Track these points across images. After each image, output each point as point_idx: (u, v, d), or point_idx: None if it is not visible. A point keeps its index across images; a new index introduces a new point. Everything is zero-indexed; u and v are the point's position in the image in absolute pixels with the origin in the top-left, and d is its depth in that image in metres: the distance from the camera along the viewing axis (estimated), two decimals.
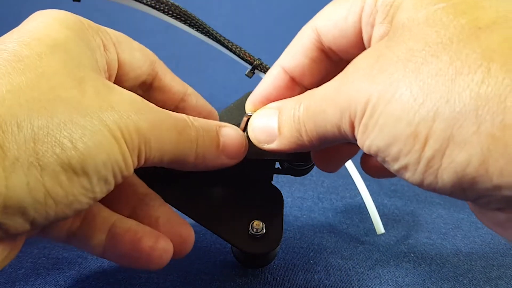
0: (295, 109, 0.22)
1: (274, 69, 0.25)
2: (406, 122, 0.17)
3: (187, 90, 0.28)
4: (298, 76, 0.24)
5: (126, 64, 0.25)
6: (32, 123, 0.17)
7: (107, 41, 0.23)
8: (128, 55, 0.25)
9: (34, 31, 0.20)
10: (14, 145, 0.17)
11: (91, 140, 0.18)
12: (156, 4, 0.29)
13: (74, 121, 0.18)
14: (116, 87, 0.21)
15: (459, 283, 0.32)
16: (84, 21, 0.23)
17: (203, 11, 0.36)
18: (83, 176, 0.18)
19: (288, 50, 0.24)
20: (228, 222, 0.28)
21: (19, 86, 0.18)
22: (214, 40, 0.31)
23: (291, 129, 0.22)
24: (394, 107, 0.17)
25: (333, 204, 0.41)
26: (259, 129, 0.24)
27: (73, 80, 0.19)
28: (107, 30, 0.24)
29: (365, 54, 0.20)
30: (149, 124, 0.20)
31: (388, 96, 0.17)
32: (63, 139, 0.17)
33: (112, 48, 0.24)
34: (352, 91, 0.19)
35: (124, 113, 0.20)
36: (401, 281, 0.32)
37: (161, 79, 0.27)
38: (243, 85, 0.46)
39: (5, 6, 0.53)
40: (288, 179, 0.44)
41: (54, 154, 0.17)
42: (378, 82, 0.18)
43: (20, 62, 0.18)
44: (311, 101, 0.21)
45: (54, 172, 0.17)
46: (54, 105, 0.18)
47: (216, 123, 0.25)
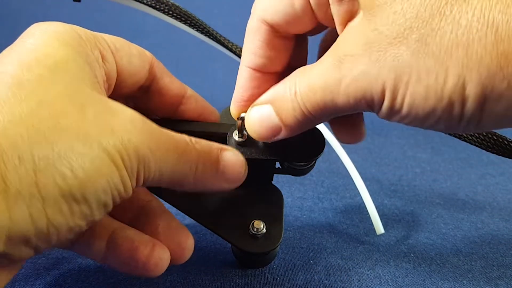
0: (291, 93, 0.22)
1: (242, 72, 0.25)
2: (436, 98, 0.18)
3: (186, 92, 0.28)
4: (268, 69, 0.24)
5: (125, 71, 0.25)
6: (33, 154, 0.17)
7: (105, 51, 0.23)
8: (126, 62, 0.25)
9: (33, 50, 0.20)
10: (16, 178, 0.17)
11: (91, 167, 0.18)
12: (156, 4, 0.29)
13: (75, 149, 0.18)
14: (118, 108, 0.21)
15: (459, 283, 0.32)
16: (82, 33, 0.23)
17: (203, 11, 0.36)
18: (84, 203, 0.19)
19: (247, 48, 0.24)
20: (229, 222, 0.28)
21: (20, 116, 0.18)
22: (214, 40, 0.31)
23: (294, 113, 0.22)
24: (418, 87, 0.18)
25: (333, 204, 0.41)
26: (260, 126, 0.24)
27: (74, 105, 0.19)
28: (105, 38, 0.24)
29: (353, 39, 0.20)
30: (149, 147, 0.21)
31: (406, 79, 0.18)
32: (63, 168, 0.18)
33: (110, 57, 0.24)
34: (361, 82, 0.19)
35: (124, 136, 0.20)
36: (401, 281, 0.32)
37: (159, 82, 0.27)
38: None
39: (5, 6, 0.53)
40: (288, 179, 0.44)
41: (55, 184, 0.18)
42: (387, 67, 0.18)
43: (21, 87, 0.18)
44: (310, 81, 0.21)
45: (55, 202, 0.18)
46: (54, 134, 0.18)
47: (218, 146, 0.24)
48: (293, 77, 0.22)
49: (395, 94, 0.19)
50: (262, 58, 0.24)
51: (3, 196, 0.17)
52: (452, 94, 0.18)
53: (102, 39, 0.24)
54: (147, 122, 0.21)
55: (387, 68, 0.18)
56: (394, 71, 0.18)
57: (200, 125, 0.29)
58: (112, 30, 0.52)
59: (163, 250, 0.25)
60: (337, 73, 0.20)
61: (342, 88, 0.20)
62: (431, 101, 0.18)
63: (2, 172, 0.17)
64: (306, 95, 0.21)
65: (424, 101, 0.18)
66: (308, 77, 0.21)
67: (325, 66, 0.20)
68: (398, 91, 0.19)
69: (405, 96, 0.19)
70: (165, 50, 0.50)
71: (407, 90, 0.18)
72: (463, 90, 0.17)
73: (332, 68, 0.20)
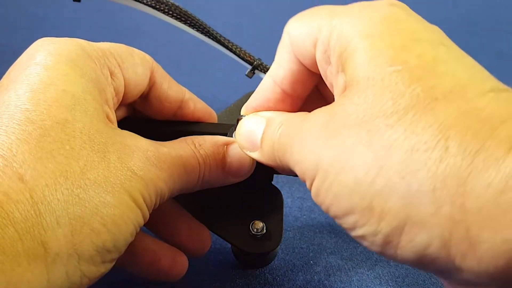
0: (275, 130, 0.21)
1: (265, 80, 0.24)
2: (360, 195, 0.16)
3: (184, 95, 0.28)
4: (287, 88, 0.23)
5: (131, 83, 0.25)
6: (69, 216, 0.18)
7: (113, 66, 0.23)
8: (132, 73, 0.25)
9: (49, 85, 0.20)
10: (55, 242, 0.17)
11: (121, 218, 0.19)
12: (156, 4, 0.29)
13: (105, 203, 0.19)
14: (132, 143, 0.22)
15: None
16: (91, 52, 0.22)
17: (203, 11, 0.36)
18: (115, 251, 0.20)
19: (276, 59, 0.24)
20: (229, 222, 0.28)
21: (54, 177, 0.18)
22: (214, 40, 0.31)
23: (269, 148, 0.22)
24: (347, 178, 0.17)
25: None
26: (245, 134, 0.24)
27: (97, 152, 0.20)
28: (111, 51, 0.24)
29: (323, 109, 0.19)
30: (165, 180, 0.22)
31: (340, 165, 0.17)
32: (96, 225, 0.19)
33: (119, 73, 0.24)
34: (304, 148, 0.19)
35: (144, 176, 0.21)
36: (401, 282, 0.32)
37: (158, 89, 0.27)
38: (243, 85, 0.46)
39: (5, 6, 0.53)
40: (288, 179, 0.44)
41: (91, 242, 0.18)
42: (330, 146, 0.17)
43: (47, 138, 0.19)
44: (284, 131, 0.21)
45: (90, 257, 0.19)
46: (86, 191, 0.19)
47: (224, 142, 0.25)
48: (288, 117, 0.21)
49: (325, 177, 0.17)
50: (285, 73, 0.23)
51: (43, 261, 0.17)
52: (375, 197, 0.16)
53: (110, 53, 0.24)
54: (160, 151, 0.22)
55: (329, 148, 0.17)
56: (333, 153, 0.17)
57: (199, 126, 0.29)
58: (112, 30, 0.52)
59: (183, 258, 0.26)
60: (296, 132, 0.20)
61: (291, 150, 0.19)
62: (354, 197, 0.16)
63: (42, 238, 0.17)
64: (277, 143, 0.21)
65: (348, 194, 0.17)
66: (287, 126, 0.21)
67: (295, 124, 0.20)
68: (328, 175, 0.17)
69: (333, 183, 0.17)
70: (165, 50, 0.50)
71: (337, 177, 0.17)
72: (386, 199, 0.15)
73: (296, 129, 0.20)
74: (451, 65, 0.17)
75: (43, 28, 0.49)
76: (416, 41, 0.17)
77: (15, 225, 0.17)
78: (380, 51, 0.17)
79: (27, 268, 0.17)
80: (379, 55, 0.17)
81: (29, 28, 0.49)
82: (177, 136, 0.25)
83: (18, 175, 0.17)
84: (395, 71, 0.16)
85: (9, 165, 0.18)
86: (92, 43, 0.23)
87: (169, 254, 0.26)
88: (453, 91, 0.16)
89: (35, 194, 0.17)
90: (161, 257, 0.26)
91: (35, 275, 0.17)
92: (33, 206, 0.17)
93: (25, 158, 0.18)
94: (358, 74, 0.17)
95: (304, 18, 0.21)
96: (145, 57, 0.26)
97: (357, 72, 0.18)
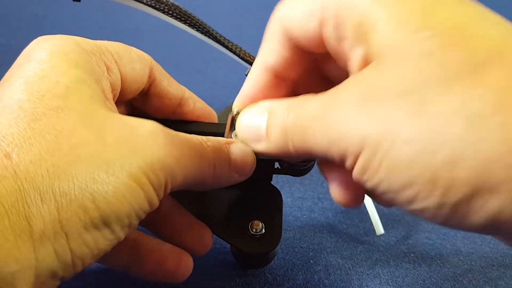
0: (283, 117, 0.20)
1: (255, 67, 0.23)
2: (420, 168, 0.16)
3: (184, 94, 0.28)
4: (279, 71, 0.23)
5: (128, 79, 0.25)
6: (54, 192, 0.17)
7: (109, 62, 0.23)
8: (129, 69, 0.25)
9: (42, 77, 0.20)
10: (40, 219, 0.17)
11: (113, 195, 0.18)
12: (156, 4, 0.29)
13: (96, 179, 0.18)
14: (135, 123, 0.21)
15: (459, 283, 0.32)
16: (86, 47, 0.22)
17: (203, 11, 0.36)
18: (106, 229, 0.19)
19: (263, 46, 0.23)
20: (228, 222, 0.28)
21: (40, 154, 0.18)
22: (214, 40, 0.31)
23: (279, 136, 0.21)
24: (402, 150, 0.16)
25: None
26: (247, 126, 0.23)
27: (92, 131, 0.19)
28: (108, 48, 0.24)
29: (355, 83, 0.18)
30: (174, 156, 0.20)
31: (392, 138, 0.16)
32: (85, 201, 0.18)
33: (115, 68, 0.24)
34: (344, 125, 0.18)
35: (148, 153, 0.20)
36: (400, 281, 0.32)
37: (158, 85, 0.27)
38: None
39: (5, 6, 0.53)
40: (288, 179, 0.44)
41: (78, 219, 0.18)
42: (378, 120, 0.16)
43: (38, 122, 0.18)
44: (299, 115, 0.20)
45: (79, 235, 0.18)
46: (75, 167, 0.18)
47: (225, 141, 0.24)
48: (294, 102, 0.21)
49: (375, 152, 0.16)
50: (276, 58, 0.23)
51: (29, 238, 0.17)
52: (439, 170, 0.15)
53: (106, 49, 0.24)
54: (167, 130, 0.21)
55: (376, 121, 0.16)
56: (382, 126, 0.16)
57: (198, 126, 0.29)
58: (112, 30, 0.52)
59: (188, 257, 0.26)
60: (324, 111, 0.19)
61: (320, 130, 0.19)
62: (413, 170, 0.16)
63: (27, 213, 0.17)
64: (292, 129, 0.20)
65: (406, 168, 0.16)
66: (301, 110, 0.20)
67: (319, 102, 0.19)
68: (379, 149, 0.16)
69: (386, 157, 0.16)
70: (165, 50, 0.50)
71: (390, 150, 0.16)
72: (452, 168, 0.15)
73: (323, 106, 0.19)
74: (481, 26, 0.16)
75: (43, 28, 0.49)
76: (437, 4, 0.17)
77: (1, 199, 0.16)
78: (404, 18, 0.17)
79: (15, 244, 0.16)
80: (406, 23, 0.17)
81: (29, 28, 0.49)
82: None
83: (4, 152, 0.17)
84: (428, 37, 0.16)
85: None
86: (87, 40, 0.23)
87: (174, 254, 0.26)
88: (496, 54, 0.15)
89: (19, 170, 0.17)
90: (167, 257, 0.25)
91: (22, 252, 0.17)
92: (17, 181, 0.17)
93: (13, 139, 0.18)
94: (386, 43, 0.17)
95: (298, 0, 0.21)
96: (143, 55, 0.26)
97: (385, 42, 0.17)
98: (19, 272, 0.16)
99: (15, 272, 0.16)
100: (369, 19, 0.18)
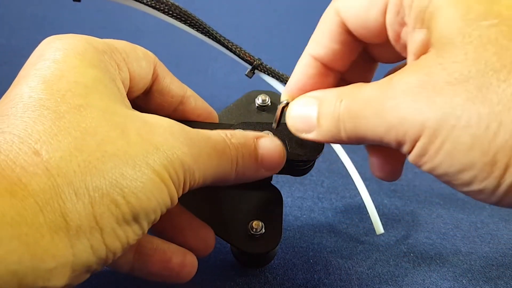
0: (335, 105, 0.21)
1: (303, 58, 0.24)
2: (481, 150, 0.16)
3: (186, 92, 0.28)
4: (329, 62, 0.23)
5: (136, 76, 0.25)
6: (87, 187, 0.18)
7: (119, 60, 0.24)
8: (136, 67, 0.25)
9: (61, 77, 0.20)
10: (76, 214, 0.17)
11: (142, 191, 0.19)
12: (156, 4, 0.29)
13: (124, 175, 0.19)
14: (154, 121, 0.21)
15: (459, 283, 0.32)
16: (98, 46, 0.23)
17: (203, 11, 0.37)
18: (136, 224, 0.19)
19: (314, 37, 0.23)
20: (228, 222, 0.28)
21: (69, 150, 0.18)
22: (214, 40, 0.31)
23: (330, 124, 0.21)
24: (464, 134, 0.16)
25: (332, 204, 0.41)
26: (298, 117, 0.23)
27: (115, 129, 0.20)
28: (116, 46, 0.24)
29: (414, 69, 0.18)
30: (192, 155, 0.21)
31: (452, 122, 0.17)
32: (116, 196, 0.18)
33: (124, 66, 0.24)
34: (403, 110, 0.18)
35: (169, 151, 0.20)
36: (400, 281, 0.32)
37: (161, 82, 0.27)
38: (243, 85, 0.46)
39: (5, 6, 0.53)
40: (288, 179, 0.44)
41: (111, 213, 0.18)
42: (437, 105, 0.17)
43: (62, 120, 0.19)
44: (352, 102, 0.20)
45: (112, 229, 0.18)
46: (104, 163, 0.18)
47: (254, 135, 0.25)
48: (346, 90, 0.21)
49: (434, 136, 0.17)
50: (326, 48, 0.23)
51: (65, 233, 0.17)
52: (499, 152, 0.16)
53: (115, 48, 0.24)
54: (185, 129, 0.22)
55: (436, 107, 0.17)
56: (441, 111, 0.17)
57: (199, 125, 0.29)
58: (112, 30, 0.52)
59: (193, 257, 0.26)
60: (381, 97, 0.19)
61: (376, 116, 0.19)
62: (473, 153, 0.16)
63: (62, 210, 0.17)
64: (345, 115, 0.20)
65: (466, 151, 0.17)
66: (355, 97, 0.20)
67: (375, 89, 0.20)
68: (439, 133, 0.17)
69: (446, 141, 0.17)
70: (165, 50, 0.50)
71: (450, 134, 0.17)
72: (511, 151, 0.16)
73: (380, 92, 0.19)
74: None
75: (43, 28, 0.49)
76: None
77: (34, 196, 0.17)
78: (469, 6, 0.17)
79: (51, 240, 0.16)
80: (470, 10, 0.17)
81: (29, 28, 0.49)
82: None
83: (33, 149, 0.18)
84: (492, 25, 0.16)
85: (24, 142, 0.18)
86: (97, 38, 0.23)
87: (179, 254, 0.26)
88: None
89: (50, 166, 0.17)
90: (172, 256, 0.25)
91: (59, 249, 0.17)
92: (50, 178, 0.17)
93: (40, 136, 0.18)
94: (451, 31, 0.17)
95: None
96: (147, 53, 0.26)
97: (450, 29, 0.17)
98: (56, 268, 0.17)
99: (53, 269, 0.16)
100: (434, 5, 0.18)
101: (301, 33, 0.52)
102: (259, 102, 0.32)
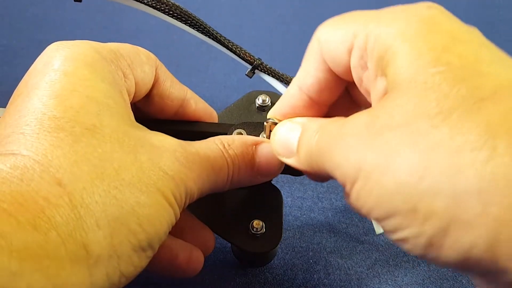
0: (311, 137, 0.21)
1: (291, 88, 0.24)
2: (404, 197, 0.16)
3: (186, 94, 0.28)
4: (314, 95, 0.23)
5: (139, 82, 0.25)
6: (108, 218, 0.18)
7: (124, 68, 0.24)
8: (140, 72, 0.25)
9: (73, 91, 0.20)
10: (96, 244, 0.18)
11: (156, 217, 0.20)
12: (157, 4, 0.29)
13: (140, 203, 0.19)
14: (159, 143, 0.22)
15: (458, 282, 0.32)
16: (106, 54, 0.23)
17: (203, 11, 0.37)
18: (150, 250, 0.20)
19: (302, 67, 0.23)
20: (228, 221, 0.29)
21: (91, 179, 0.18)
22: (214, 40, 0.31)
23: (306, 154, 0.21)
24: (390, 179, 0.16)
25: (332, 204, 0.41)
26: (280, 141, 0.23)
27: (129, 153, 0.20)
28: (121, 52, 0.24)
29: (365, 113, 0.19)
30: (193, 179, 0.22)
31: (383, 167, 0.16)
32: (134, 225, 0.19)
33: (130, 74, 0.24)
34: (345, 152, 0.18)
35: (175, 175, 0.21)
36: (400, 281, 0.32)
37: (161, 86, 0.27)
38: (243, 85, 0.46)
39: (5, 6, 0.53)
40: (288, 179, 0.44)
41: (129, 242, 0.19)
42: (373, 148, 0.17)
43: (79, 144, 0.19)
44: (321, 136, 0.20)
45: (128, 257, 0.19)
46: (122, 192, 0.19)
47: (253, 141, 0.25)
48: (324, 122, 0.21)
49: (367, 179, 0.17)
50: (312, 80, 0.23)
51: (85, 264, 0.17)
52: (421, 199, 0.15)
53: (120, 55, 0.24)
54: (187, 151, 0.22)
55: (372, 149, 0.17)
56: (376, 155, 0.17)
57: (199, 125, 0.29)
58: (113, 30, 0.52)
59: (199, 253, 0.27)
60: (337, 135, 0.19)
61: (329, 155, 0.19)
62: (396, 199, 0.16)
63: (84, 240, 0.17)
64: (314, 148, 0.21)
65: (390, 196, 0.16)
66: (324, 131, 0.20)
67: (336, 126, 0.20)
68: (371, 177, 0.17)
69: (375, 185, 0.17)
70: (165, 50, 0.50)
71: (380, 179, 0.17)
72: (432, 199, 0.15)
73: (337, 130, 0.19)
74: (493, 66, 0.16)
75: (43, 28, 0.49)
76: (457, 42, 0.17)
77: (57, 229, 0.17)
78: (421, 53, 0.17)
79: (71, 271, 0.17)
80: (420, 57, 0.17)
81: (29, 28, 0.49)
82: (178, 136, 0.25)
83: (56, 179, 0.18)
84: (438, 72, 0.16)
85: (46, 170, 0.18)
86: (103, 45, 0.23)
87: (185, 250, 0.26)
88: (498, 92, 0.15)
89: (73, 197, 0.18)
90: (178, 253, 0.26)
91: (78, 278, 0.17)
92: (73, 209, 0.18)
93: (60, 163, 0.18)
94: (400, 77, 0.17)
95: (337, 24, 0.21)
96: (150, 55, 0.26)
97: (399, 75, 0.17)
98: None
99: None
100: (391, 52, 0.18)
101: (301, 33, 0.52)
102: (260, 102, 0.32)
